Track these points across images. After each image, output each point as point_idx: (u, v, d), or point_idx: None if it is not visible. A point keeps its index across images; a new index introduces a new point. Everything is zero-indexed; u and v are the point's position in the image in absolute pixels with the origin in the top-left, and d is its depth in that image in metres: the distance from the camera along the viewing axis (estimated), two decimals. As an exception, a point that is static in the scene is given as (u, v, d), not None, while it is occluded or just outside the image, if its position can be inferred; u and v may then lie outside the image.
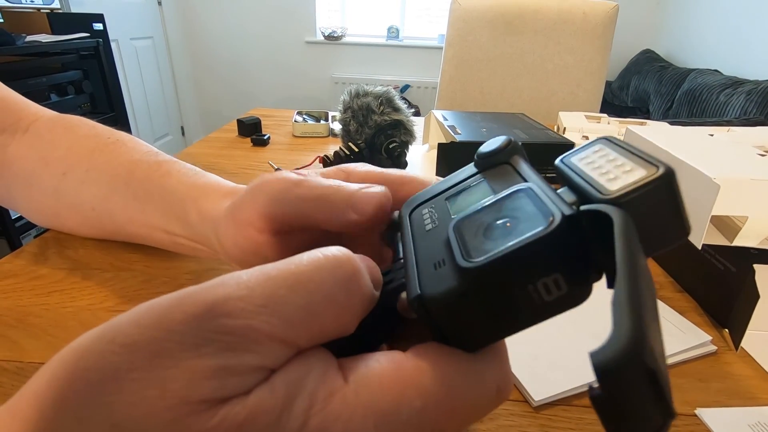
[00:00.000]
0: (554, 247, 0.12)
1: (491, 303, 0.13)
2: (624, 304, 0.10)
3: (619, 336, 0.09)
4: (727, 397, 0.27)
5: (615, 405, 0.09)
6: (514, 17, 1.16)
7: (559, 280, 0.12)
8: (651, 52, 2.82)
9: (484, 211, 0.14)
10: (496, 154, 0.18)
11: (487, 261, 0.12)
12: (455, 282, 0.13)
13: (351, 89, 0.61)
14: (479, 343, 0.14)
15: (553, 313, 0.12)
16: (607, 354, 0.09)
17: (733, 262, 0.32)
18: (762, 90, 1.80)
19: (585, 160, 0.15)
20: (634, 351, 0.09)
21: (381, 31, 3.07)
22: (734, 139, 0.48)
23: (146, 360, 0.11)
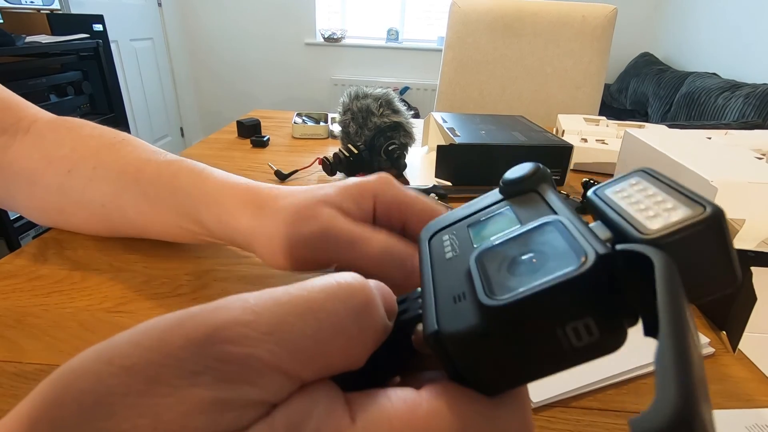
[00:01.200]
0: (587, 288, 0.11)
1: (514, 345, 0.12)
2: (670, 367, 0.09)
3: (665, 405, 0.08)
4: (724, 399, 0.27)
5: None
6: (513, 20, 1.16)
7: (590, 325, 0.11)
8: (649, 55, 2.83)
9: (509, 244, 0.13)
10: (523, 181, 0.16)
11: (513, 300, 0.11)
12: (476, 320, 0.12)
13: (350, 91, 0.61)
14: (499, 387, 0.13)
15: (583, 360, 0.11)
16: (651, 425, 0.08)
17: (730, 264, 0.33)
18: (760, 93, 1.81)
19: (621, 194, 0.14)
20: (685, 420, 0.08)
21: (381, 33, 3.08)
22: (732, 142, 0.48)
23: (142, 384, 0.11)
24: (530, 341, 0.11)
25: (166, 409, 0.10)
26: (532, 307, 0.11)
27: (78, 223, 0.36)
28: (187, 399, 0.11)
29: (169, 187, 0.31)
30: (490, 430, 0.13)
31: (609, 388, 0.27)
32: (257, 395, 0.11)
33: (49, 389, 0.11)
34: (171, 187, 0.31)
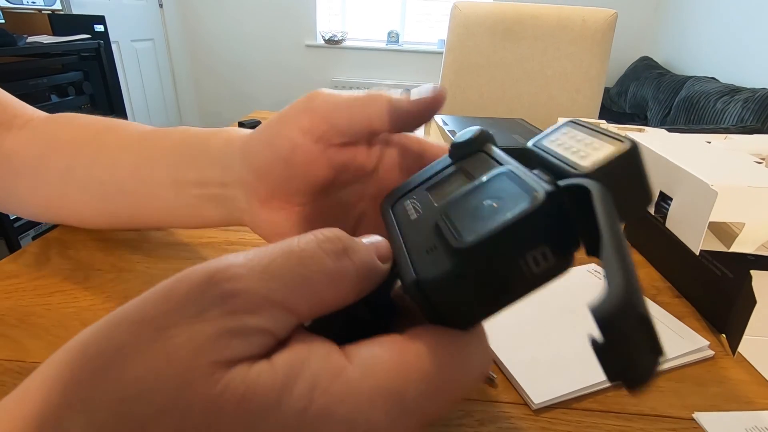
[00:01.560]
0: (540, 221, 0.13)
1: (485, 280, 0.13)
2: (614, 262, 0.11)
3: (615, 289, 0.10)
4: (724, 401, 0.28)
5: (615, 350, 0.10)
6: (513, 23, 1.17)
7: (546, 252, 0.13)
8: (649, 59, 2.84)
9: (469, 195, 0.15)
10: (470, 143, 0.18)
11: (480, 239, 0.13)
12: (451, 263, 0.13)
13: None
14: (474, 320, 0.15)
15: (540, 284, 0.13)
16: (607, 305, 0.10)
17: (730, 268, 0.33)
18: (758, 98, 1.82)
19: (556, 142, 0.16)
20: (630, 301, 0.10)
21: (381, 36, 3.08)
22: (731, 146, 0.48)
23: (151, 333, 0.11)
24: (498, 274, 0.13)
25: (178, 348, 0.11)
26: (497, 243, 0.13)
27: (79, 209, 0.35)
28: (196, 336, 0.11)
29: (173, 137, 0.31)
30: (464, 363, 0.14)
31: (610, 389, 0.28)
32: (258, 323, 0.12)
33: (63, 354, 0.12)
34: (176, 137, 0.31)
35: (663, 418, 0.26)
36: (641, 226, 0.45)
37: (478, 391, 0.27)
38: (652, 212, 0.41)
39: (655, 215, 0.40)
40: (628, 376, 0.11)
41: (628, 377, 0.11)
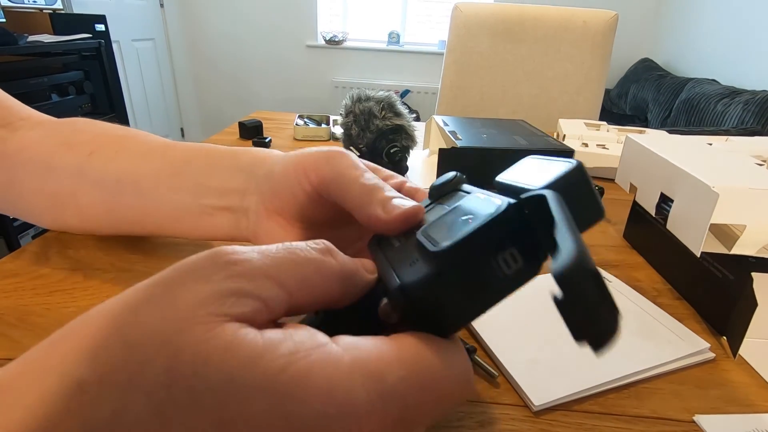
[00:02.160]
0: (505, 225, 0.15)
1: (463, 280, 0.15)
2: (565, 230, 0.13)
3: (568, 252, 0.12)
4: (725, 403, 0.28)
5: (574, 304, 0.12)
6: (514, 24, 1.17)
7: (515, 254, 0.15)
8: (649, 60, 2.84)
9: (445, 217, 0.18)
10: (446, 184, 0.21)
11: (455, 242, 0.14)
12: (429, 267, 0.15)
13: (353, 94, 0.61)
14: (455, 324, 0.16)
15: (513, 286, 0.15)
16: (563, 264, 0.12)
17: (731, 270, 0.33)
18: (759, 100, 1.82)
19: (516, 173, 0.18)
20: (582, 258, 0.12)
21: (382, 36, 3.09)
22: (732, 148, 0.48)
23: (162, 290, 0.13)
24: (473, 274, 0.15)
25: (182, 300, 0.13)
26: (469, 244, 0.14)
27: (86, 206, 0.34)
28: (199, 292, 0.13)
29: (204, 149, 0.32)
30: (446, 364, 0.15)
31: (610, 392, 0.28)
32: (254, 288, 0.14)
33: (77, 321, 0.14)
34: (206, 150, 0.32)
35: (663, 421, 0.26)
36: (641, 227, 0.45)
37: (478, 392, 0.27)
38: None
39: (656, 217, 0.40)
40: (591, 331, 0.12)
41: (591, 333, 0.12)
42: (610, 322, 0.12)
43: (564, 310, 0.12)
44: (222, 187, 0.29)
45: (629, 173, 0.45)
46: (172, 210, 0.31)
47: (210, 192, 0.30)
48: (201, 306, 0.13)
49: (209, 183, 0.30)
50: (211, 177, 0.30)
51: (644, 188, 0.43)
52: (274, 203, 0.27)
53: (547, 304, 0.21)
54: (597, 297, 0.12)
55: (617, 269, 0.41)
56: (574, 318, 0.12)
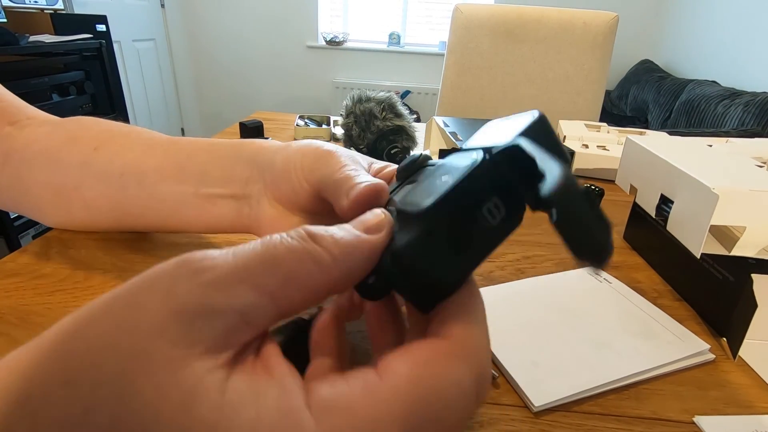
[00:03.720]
0: (485, 175, 0.15)
1: (452, 234, 0.15)
2: (548, 159, 0.13)
3: (555, 173, 0.12)
4: (725, 405, 0.28)
5: (570, 221, 0.12)
6: (515, 26, 1.17)
7: (498, 204, 0.15)
8: (650, 62, 2.84)
9: (421, 184, 0.17)
10: (413, 163, 0.21)
11: (438, 197, 0.14)
12: (418, 226, 0.15)
13: (354, 94, 0.61)
14: (451, 285, 0.16)
15: (501, 237, 0.15)
16: (553, 184, 0.12)
17: (731, 271, 0.33)
18: (759, 102, 1.82)
19: (481, 137, 0.19)
20: (570, 177, 0.12)
21: (382, 37, 3.09)
22: (733, 150, 0.48)
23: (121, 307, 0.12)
24: (461, 227, 0.15)
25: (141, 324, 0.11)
26: (453, 198, 0.15)
27: (91, 200, 0.35)
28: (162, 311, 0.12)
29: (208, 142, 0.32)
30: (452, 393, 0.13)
31: (609, 393, 0.28)
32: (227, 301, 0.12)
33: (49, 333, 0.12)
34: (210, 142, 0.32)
35: (663, 422, 0.26)
36: (642, 229, 0.45)
37: (479, 393, 0.27)
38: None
39: (656, 218, 0.40)
40: (589, 246, 0.12)
41: (590, 249, 0.12)
42: (605, 233, 0.13)
43: (561, 228, 0.12)
44: (224, 175, 0.30)
45: (629, 174, 0.45)
46: (175, 202, 0.31)
47: (213, 181, 0.30)
48: (162, 332, 0.11)
49: (212, 172, 0.30)
50: (213, 167, 0.31)
51: (644, 189, 0.43)
52: (275, 193, 0.28)
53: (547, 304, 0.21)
54: (592, 214, 0.12)
55: (617, 270, 0.41)
56: (571, 234, 0.12)
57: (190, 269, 0.12)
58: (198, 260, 0.13)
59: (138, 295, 0.12)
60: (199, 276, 0.12)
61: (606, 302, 0.35)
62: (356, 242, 0.15)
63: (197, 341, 0.11)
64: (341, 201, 0.21)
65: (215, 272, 0.12)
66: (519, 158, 0.14)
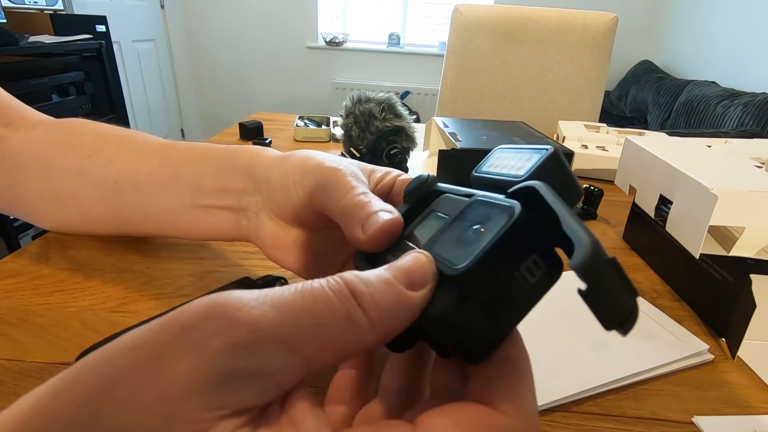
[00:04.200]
0: (524, 230, 0.14)
1: (489, 299, 0.13)
2: (573, 224, 0.13)
3: (583, 244, 0.12)
4: (724, 405, 0.28)
5: (598, 292, 0.12)
6: (515, 27, 1.17)
7: (537, 261, 0.14)
8: (649, 63, 2.85)
9: (449, 229, 0.16)
10: (421, 186, 0.21)
11: (475, 259, 0.13)
12: (452, 292, 0.14)
13: (353, 95, 0.61)
14: (490, 346, 0.14)
15: (541, 293, 0.14)
16: (582, 257, 0.12)
17: (730, 271, 0.33)
18: (758, 102, 1.82)
19: (492, 166, 0.18)
20: (598, 248, 0.12)
21: (382, 38, 3.09)
22: (732, 150, 0.48)
23: (149, 359, 0.11)
24: (499, 290, 0.14)
25: (170, 382, 0.11)
26: (491, 259, 0.13)
27: (88, 206, 0.34)
28: (194, 370, 0.11)
29: (202, 149, 0.32)
30: None
31: (609, 393, 0.28)
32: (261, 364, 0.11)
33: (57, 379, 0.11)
34: (205, 149, 0.32)
35: (663, 422, 0.26)
36: (641, 229, 0.45)
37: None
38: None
39: (655, 219, 0.41)
40: (617, 316, 0.12)
41: (618, 318, 0.12)
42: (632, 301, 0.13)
43: (591, 301, 0.12)
44: (220, 187, 0.30)
45: (629, 175, 0.45)
46: (173, 210, 0.31)
47: (208, 193, 0.30)
48: (194, 393, 0.11)
49: (207, 184, 0.30)
50: (208, 178, 0.30)
51: (643, 190, 0.43)
52: (273, 208, 0.27)
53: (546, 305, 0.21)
54: (620, 283, 0.12)
55: (617, 271, 0.41)
56: (598, 304, 0.12)
57: (226, 320, 0.11)
58: (233, 310, 0.12)
59: (167, 347, 0.11)
60: (235, 331, 0.11)
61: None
62: (398, 302, 0.14)
63: (227, 404, 0.11)
64: (355, 231, 0.20)
65: (252, 328, 0.11)
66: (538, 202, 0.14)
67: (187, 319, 0.12)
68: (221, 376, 0.11)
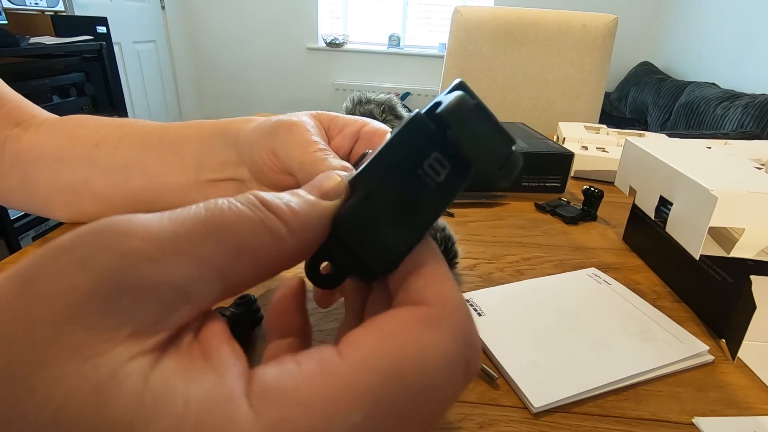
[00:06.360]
0: (420, 130, 0.14)
1: (396, 196, 0.14)
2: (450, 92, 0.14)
3: (453, 95, 0.13)
4: (724, 406, 0.28)
5: (467, 132, 0.13)
6: (515, 28, 1.17)
7: (440, 159, 0.14)
8: (649, 64, 2.85)
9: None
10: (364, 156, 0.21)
11: (370, 160, 0.14)
12: (356, 191, 0.14)
13: (354, 96, 0.61)
14: (402, 249, 0.14)
15: (450, 194, 0.14)
16: (447, 104, 0.13)
17: (730, 273, 0.33)
18: (758, 104, 1.82)
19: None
20: (465, 96, 0.13)
21: (382, 39, 3.09)
22: (731, 152, 0.48)
23: (19, 287, 0.09)
24: (403, 188, 0.14)
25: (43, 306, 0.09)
26: (387, 156, 0.14)
27: (101, 193, 0.35)
28: (74, 289, 0.09)
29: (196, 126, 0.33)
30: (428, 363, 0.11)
31: (609, 394, 0.28)
32: (161, 273, 0.10)
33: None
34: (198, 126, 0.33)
35: (662, 423, 0.26)
36: (641, 230, 0.45)
37: (478, 394, 0.27)
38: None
39: (655, 220, 0.41)
40: (493, 159, 0.13)
41: (494, 161, 0.13)
42: (509, 149, 0.13)
43: (462, 144, 0.13)
44: (218, 161, 0.31)
45: (629, 176, 0.45)
46: (183, 187, 0.33)
47: (209, 167, 0.32)
48: (75, 313, 0.09)
49: (207, 161, 0.32)
50: (207, 155, 0.32)
51: (643, 191, 0.43)
52: (255, 174, 0.29)
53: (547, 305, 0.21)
54: (488, 124, 0.13)
55: (617, 272, 0.42)
56: (473, 149, 0.13)
57: (114, 235, 0.10)
58: (123, 223, 0.10)
59: (41, 267, 0.09)
60: (126, 243, 0.10)
61: (605, 303, 0.35)
62: (313, 211, 0.13)
63: (122, 323, 0.09)
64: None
65: (147, 239, 0.10)
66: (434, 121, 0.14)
67: (66, 240, 0.10)
68: (110, 291, 0.09)
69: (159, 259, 0.10)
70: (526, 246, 0.45)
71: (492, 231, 0.48)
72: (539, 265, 0.42)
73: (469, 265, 0.41)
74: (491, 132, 0.13)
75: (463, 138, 0.13)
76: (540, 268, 0.41)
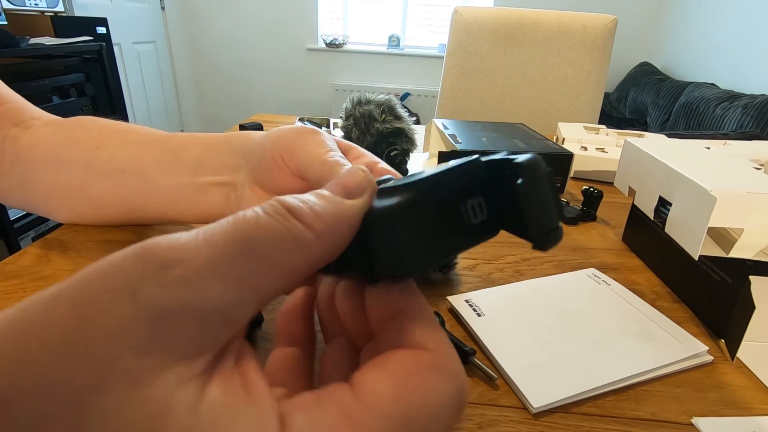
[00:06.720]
0: (476, 172, 0.15)
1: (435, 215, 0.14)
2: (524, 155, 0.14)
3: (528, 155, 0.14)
4: (723, 406, 0.28)
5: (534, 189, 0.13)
6: (514, 28, 1.18)
7: (482, 205, 0.15)
8: (649, 64, 2.85)
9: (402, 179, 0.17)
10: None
11: (429, 175, 0.15)
12: (406, 194, 0.14)
13: (353, 97, 0.61)
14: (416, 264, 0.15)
15: (474, 240, 0.15)
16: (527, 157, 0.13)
17: (729, 273, 0.33)
18: (758, 104, 1.82)
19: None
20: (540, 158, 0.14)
21: (382, 40, 3.10)
22: (731, 152, 0.48)
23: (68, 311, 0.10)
24: (444, 211, 0.15)
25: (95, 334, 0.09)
26: (443, 179, 0.15)
27: (96, 196, 0.36)
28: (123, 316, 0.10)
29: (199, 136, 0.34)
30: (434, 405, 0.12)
31: (609, 394, 0.28)
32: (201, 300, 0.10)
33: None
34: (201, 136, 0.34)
35: (662, 423, 0.26)
36: (640, 231, 0.45)
37: (478, 394, 0.27)
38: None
39: (654, 220, 0.41)
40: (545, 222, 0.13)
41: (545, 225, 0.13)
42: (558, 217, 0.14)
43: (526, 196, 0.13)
44: (217, 164, 0.32)
45: (628, 177, 0.46)
46: (173, 193, 0.33)
47: (206, 170, 0.32)
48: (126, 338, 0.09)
49: (206, 163, 0.32)
50: (207, 157, 0.32)
51: (643, 192, 0.43)
52: (256, 178, 0.29)
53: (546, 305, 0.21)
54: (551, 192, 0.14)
55: (616, 272, 0.42)
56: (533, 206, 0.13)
57: (155, 263, 0.10)
58: (163, 250, 0.10)
59: (90, 292, 0.10)
60: (167, 272, 0.10)
61: (605, 304, 0.35)
62: (339, 212, 0.13)
63: (168, 348, 0.10)
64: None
65: (186, 267, 0.10)
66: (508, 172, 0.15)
67: (110, 267, 0.10)
68: (154, 318, 0.10)
69: (198, 284, 0.10)
70: (526, 246, 0.45)
71: (491, 231, 0.48)
72: (539, 266, 0.42)
73: (469, 265, 0.41)
74: (552, 198, 0.14)
75: (530, 192, 0.13)
76: (539, 268, 0.41)
